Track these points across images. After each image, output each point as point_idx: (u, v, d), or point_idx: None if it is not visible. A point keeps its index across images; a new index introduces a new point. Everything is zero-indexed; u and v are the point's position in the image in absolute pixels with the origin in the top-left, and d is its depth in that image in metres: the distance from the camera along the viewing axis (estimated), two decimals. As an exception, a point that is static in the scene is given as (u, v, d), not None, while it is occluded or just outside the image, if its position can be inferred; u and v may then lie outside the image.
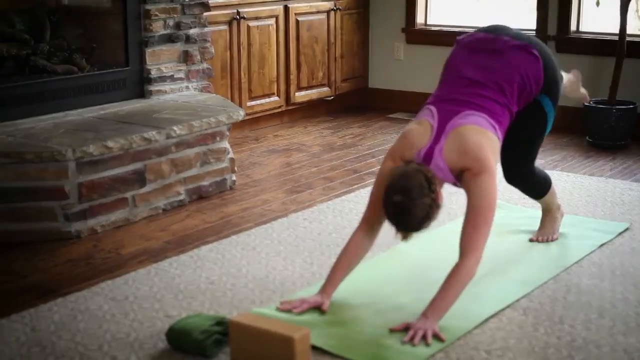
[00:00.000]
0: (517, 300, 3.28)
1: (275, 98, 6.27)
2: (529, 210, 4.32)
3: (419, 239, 3.87)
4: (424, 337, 2.92)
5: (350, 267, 3.23)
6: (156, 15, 4.99)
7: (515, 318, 3.14)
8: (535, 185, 3.79)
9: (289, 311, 3.11)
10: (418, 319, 3.00)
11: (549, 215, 3.93)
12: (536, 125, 3.54)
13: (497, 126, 3.18)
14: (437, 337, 2.94)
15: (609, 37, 6.01)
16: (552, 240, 3.90)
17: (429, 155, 3.09)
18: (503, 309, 3.21)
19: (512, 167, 3.68)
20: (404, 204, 2.96)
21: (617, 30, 5.72)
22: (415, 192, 2.96)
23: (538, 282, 3.45)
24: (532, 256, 3.73)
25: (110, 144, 4.08)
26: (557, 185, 4.71)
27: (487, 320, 3.12)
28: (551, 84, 3.43)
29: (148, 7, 4.95)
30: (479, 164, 3.06)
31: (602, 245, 3.86)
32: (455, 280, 3.02)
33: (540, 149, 5.49)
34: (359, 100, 7.02)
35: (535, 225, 4.04)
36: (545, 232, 3.93)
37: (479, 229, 3.04)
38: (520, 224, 4.09)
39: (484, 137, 3.11)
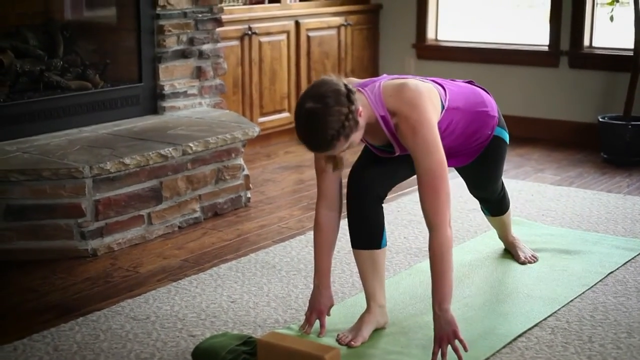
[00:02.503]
0: (545, 319, 3.23)
1: (286, 114, 6.24)
2: (550, 228, 4.28)
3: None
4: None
5: (333, 249, 3.10)
6: (170, 31, 4.95)
7: (544, 337, 3.09)
8: (505, 199, 3.72)
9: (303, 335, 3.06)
10: (435, 323, 2.81)
11: (510, 242, 3.87)
12: (497, 157, 3.39)
13: (446, 95, 3.00)
14: (460, 343, 2.80)
15: (623, 53, 5.98)
16: (534, 257, 3.83)
17: (366, 84, 2.87)
18: (531, 328, 3.15)
19: (489, 191, 3.60)
20: (316, 111, 2.65)
21: (631, 46, 5.69)
22: (331, 99, 2.65)
23: (564, 300, 3.40)
24: (555, 274, 3.68)
25: (127, 160, 4.04)
26: (575, 202, 4.70)
27: (515, 339, 3.07)
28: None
29: (161, 22, 4.92)
30: (416, 112, 2.78)
31: (625, 262, 3.81)
32: (441, 259, 2.80)
33: (556, 166, 5.54)
34: (369, 117, 6.97)
35: (558, 242, 4.01)
36: (523, 251, 3.85)
37: (438, 192, 2.78)
38: (542, 242, 4.04)
39: (423, 87, 2.88)
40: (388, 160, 3.09)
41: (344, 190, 3.11)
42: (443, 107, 2.97)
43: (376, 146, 3.04)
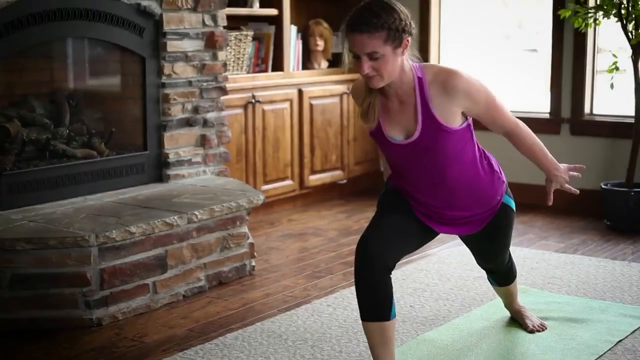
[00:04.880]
0: (555, 389, 3.21)
1: (289, 182, 6.26)
2: (556, 296, 4.26)
3: (448, 326, 3.83)
4: None
5: None
6: (175, 99, 5.00)
7: (555, 408, 3.06)
8: (513, 268, 3.73)
9: None
10: (550, 179, 3.30)
11: (517, 311, 3.86)
12: (507, 226, 3.42)
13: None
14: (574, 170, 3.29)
15: (624, 120, 6.03)
16: (542, 326, 3.81)
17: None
18: (541, 399, 3.13)
19: (498, 262, 3.60)
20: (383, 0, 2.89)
21: (632, 113, 5.73)
22: (399, 6, 2.89)
23: (574, 370, 3.38)
24: (564, 343, 3.65)
25: (132, 229, 4.04)
26: (580, 269, 4.69)
27: (526, 410, 3.04)
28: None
29: (167, 91, 4.96)
30: (455, 72, 3.00)
31: (634, 331, 3.79)
32: (535, 139, 3.24)
33: (559, 233, 5.53)
34: (371, 183, 6.99)
35: (565, 310, 3.99)
36: (531, 319, 3.83)
37: (502, 111, 3.12)
38: (548, 310, 4.02)
39: None
40: (398, 229, 3.09)
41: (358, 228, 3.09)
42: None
43: (394, 139, 3.05)
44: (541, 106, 6.45)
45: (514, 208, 3.39)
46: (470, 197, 3.21)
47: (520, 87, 7.02)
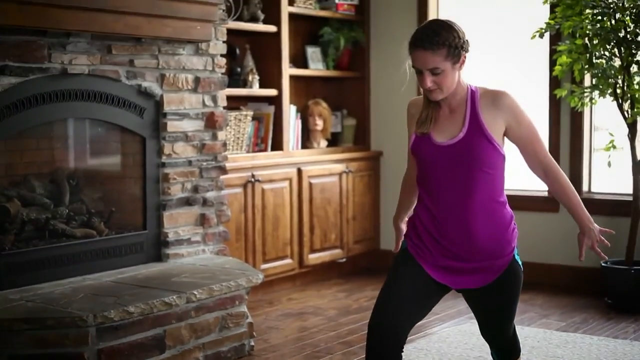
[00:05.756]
0: None
1: (288, 260, 6.25)
2: (558, 375, 4.23)
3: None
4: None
5: (414, 196, 3.37)
6: (175, 179, 5.02)
7: None
8: (518, 342, 3.62)
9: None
10: (587, 234, 3.21)
11: None
12: (517, 286, 3.33)
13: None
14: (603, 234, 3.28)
15: (622, 198, 6.04)
16: None
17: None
18: None
19: (503, 329, 3.48)
20: (443, 21, 3.13)
21: (630, 191, 5.75)
22: (458, 27, 3.11)
23: None
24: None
25: (131, 309, 4.02)
26: (581, 348, 4.65)
27: None
28: None
29: (167, 170, 4.99)
30: (506, 93, 3.16)
31: (637, 411, 3.75)
32: (570, 188, 3.21)
33: (560, 311, 5.50)
34: (370, 262, 6.99)
35: (567, 390, 3.95)
36: None
37: (543, 145, 3.21)
38: (551, 390, 3.99)
39: None
40: (409, 300, 3.07)
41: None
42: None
43: (437, 140, 3.14)
44: (539, 185, 6.45)
45: (522, 267, 3.31)
46: (489, 231, 3.15)
47: (518, 165, 7.03)
